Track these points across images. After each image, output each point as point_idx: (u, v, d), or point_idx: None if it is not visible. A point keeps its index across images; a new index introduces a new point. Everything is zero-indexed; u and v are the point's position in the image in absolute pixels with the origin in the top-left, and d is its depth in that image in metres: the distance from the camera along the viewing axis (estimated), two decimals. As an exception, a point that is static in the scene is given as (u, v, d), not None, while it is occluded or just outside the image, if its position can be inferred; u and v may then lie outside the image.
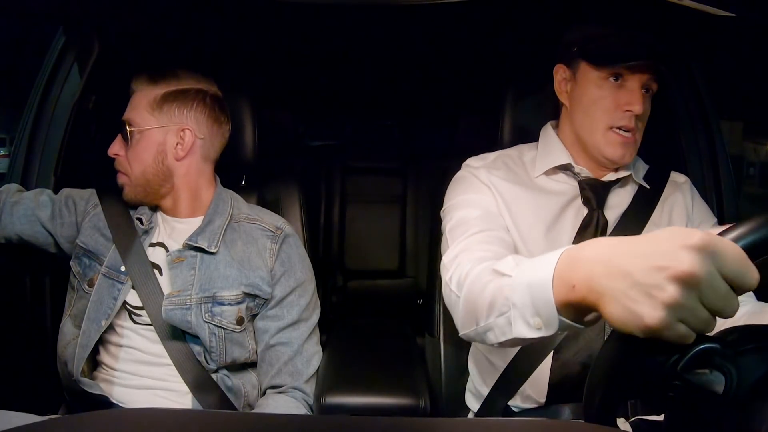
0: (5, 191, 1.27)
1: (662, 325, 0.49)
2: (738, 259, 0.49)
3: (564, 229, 1.09)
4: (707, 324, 0.50)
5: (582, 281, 0.59)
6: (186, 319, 1.10)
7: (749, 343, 0.55)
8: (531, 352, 1.08)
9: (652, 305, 0.50)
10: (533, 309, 0.68)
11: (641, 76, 1.02)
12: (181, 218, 1.22)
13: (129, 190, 1.19)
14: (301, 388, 1.18)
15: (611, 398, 0.58)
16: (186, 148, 1.18)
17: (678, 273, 0.49)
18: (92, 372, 1.16)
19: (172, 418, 0.67)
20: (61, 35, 1.41)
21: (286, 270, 1.20)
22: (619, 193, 1.13)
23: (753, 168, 4.08)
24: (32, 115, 1.40)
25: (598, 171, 1.11)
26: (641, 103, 1.01)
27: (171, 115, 1.17)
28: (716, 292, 0.49)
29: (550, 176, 1.13)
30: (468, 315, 0.85)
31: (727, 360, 0.52)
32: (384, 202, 2.22)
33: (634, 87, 1.02)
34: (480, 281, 0.83)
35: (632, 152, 1.06)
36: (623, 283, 0.53)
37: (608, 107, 1.03)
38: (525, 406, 1.12)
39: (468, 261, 0.92)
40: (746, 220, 0.53)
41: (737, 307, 0.50)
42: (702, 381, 0.52)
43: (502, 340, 0.77)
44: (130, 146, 1.17)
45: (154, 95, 1.17)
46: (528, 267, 0.71)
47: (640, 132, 1.06)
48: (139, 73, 1.20)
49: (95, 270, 1.17)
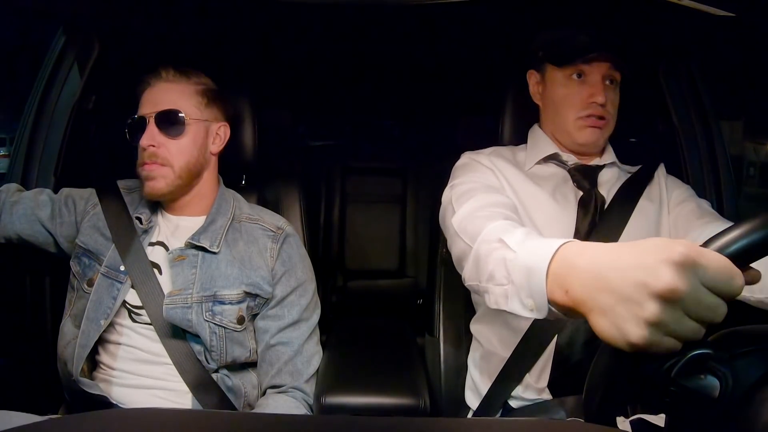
0: (5, 191, 1.27)
1: (646, 343, 0.49)
2: (721, 269, 0.49)
3: (567, 203, 1.15)
4: (695, 333, 0.50)
5: (574, 290, 0.59)
6: (187, 317, 1.10)
7: (743, 346, 0.54)
8: (534, 338, 1.10)
9: (637, 323, 0.50)
10: (528, 291, 0.70)
11: (600, 69, 1.12)
12: (187, 216, 1.22)
13: (166, 182, 1.16)
14: (301, 388, 1.18)
15: (610, 399, 0.58)
16: (221, 143, 1.24)
17: (659, 290, 0.48)
18: (92, 372, 1.16)
19: (172, 418, 0.67)
20: (61, 35, 1.41)
21: (286, 270, 1.21)
22: (608, 177, 1.20)
23: (753, 168, 4.08)
24: (32, 115, 1.40)
25: (583, 159, 1.20)
26: (603, 93, 1.11)
27: (216, 111, 1.23)
28: (700, 304, 0.49)
29: (540, 167, 1.20)
30: (474, 269, 0.89)
31: (722, 364, 0.52)
32: (384, 202, 2.21)
33: (595, 80, 1.12)
34: (488, 243, 0.86)
35: (603, 136, 1.16)
36: (610, 299, 0.53)
37: (575, 102, 1.14)
38: (526, 396, 1.13)
39: (482, 216, 0.96)
40: (730, 228, 0.53)
41: (724, 312, 0.50)
42: (697, 386, 0.52)
43: (496, 308, 0.80)
44: (178, 136, 1.16)
45: (195, 89, 1.20)
46: (530, 248, 0.72)
47: (610, 118, 1.15)
48: (165, 66, 1.19)
49: (95, 270, 1.17)
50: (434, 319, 1.38)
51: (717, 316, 0.49)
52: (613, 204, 1.15)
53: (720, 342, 0.55)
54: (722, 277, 0.49)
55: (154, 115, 1.15)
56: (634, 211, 1.14)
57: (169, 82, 1.19)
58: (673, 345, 0.50)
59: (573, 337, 1.09)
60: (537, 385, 1.11)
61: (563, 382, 1.10)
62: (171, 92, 1.18)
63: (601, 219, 1.13)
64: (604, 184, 1.19)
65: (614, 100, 1.15)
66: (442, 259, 1.41)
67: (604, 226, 1.12)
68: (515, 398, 1.14)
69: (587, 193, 1.16)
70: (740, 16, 0.96)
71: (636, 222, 1.13)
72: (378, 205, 2.21)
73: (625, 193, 1.16)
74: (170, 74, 1.19)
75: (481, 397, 1.18)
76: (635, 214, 1.14)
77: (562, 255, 0.64)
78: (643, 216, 1.15)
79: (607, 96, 1.12)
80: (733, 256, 0.51)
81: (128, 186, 1.28)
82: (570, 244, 0.65)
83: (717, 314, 0.49)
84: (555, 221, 1.12)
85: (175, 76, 1.19)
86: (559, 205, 1.14)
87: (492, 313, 1.21)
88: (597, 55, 1.11)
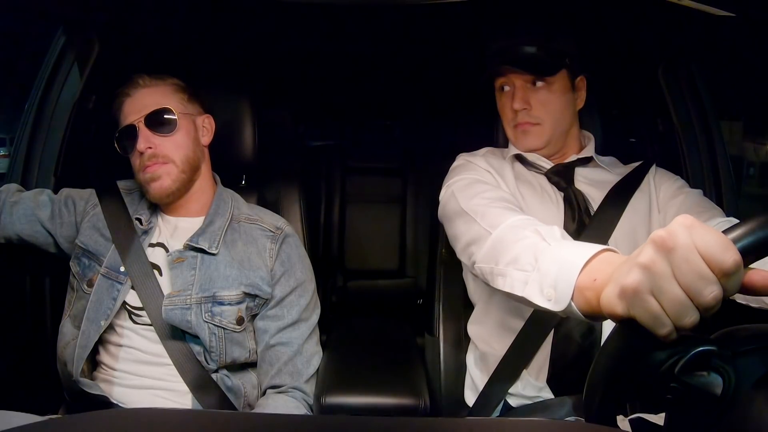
0: (5, 191, 1.27)
1: (633, 286, 0.51)
2: (717, 237, 0.49)
3: (553, 204, 1.17)
4: (681, 306, 0.49)
5: (603, 278, 0.63)
6: (186, 318, 1.10)
7: (747, 344, 0.54)
8: (530, 335, 1.11)
9: (631, 268, 0.52)
10: (553, 281, 0.73)
11: (518, 81, 1.15)
12: (186, 217, 1.22)
13: (171, 179, 1.17)
14: (301, 388, 1.18)
15: (610, 399, 0.58)
16: (210, 134, 1.27)
17: (655, 237, 0.51)
18: (92, 372, 1.16)
19: (172, 418, 0.67)
20: (61, 35, 1.41)
21: (286, 270, 1.21)
22: (589, 174, 1.22)
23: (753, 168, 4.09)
24: (32, 115, 1.40)
25: (556, 157, 1.22)
26: (522, 100, 1.14)
27: (198, 104, 1.26)
28: (690, 266, 0.49)
29: (526, 168, 1.23)
30: (492, 252, 0.91)
31: (725, 362, 0.52)
32: (384, 202, 2.21)
33: (516, 88, 1.15)
34: (518, 230, 0.89)
35: (537, 137, 1.17)
36: (625, 265, 0.55)
37: (506, 113, 1.19)
38: (525, 393, 1.13)
39: (501, 207, 1.00)
40: (733, 227, 0.52)
41: (717, 295, 0.48)
42: (700, 383, 0.52)
43: (508, 291, 0.84)
44: (171, 133, 1.17)
45: (173, 88, 1.22)
46: (568, 245, 0.77)
47: (546, 120, 1.16)
48: (138, 74, 1.20)
49: (94, 270, 1.17)
50: (434, 318, 1.38)
51: (705, 293, 0.48)
52: (604, 205, 1.16)
53: (723, 339, 0.55)
54: (715, 243, 0.49)
55: (143, 119, 1.16)
56: (624, 212, 1.15)
57: (147, 87, 1.19)
58: (657, 310, 0.50)
59: (570, 333, 1.09)
60: (536, 382, 1.11)
61: (562, 378, 1.10)
62: (153, 95, 1.19)
63: (591, 220, 1.14)
64: (584, 181, 1.20)
65: (545, 101, 1.15)
66: (442, 259, 1.41)
67: (594, 226, 1.13)
68: (515, 396, 1.14)
69: (566, 191, 1.18)
70: (740, 16, 0.96)
71: (625, 223, 1.13)
72: (378, 205, 2.21)
73: (616, 195, 1.17)
74: (147, 80, 1.20)
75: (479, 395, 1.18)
76: (625, 214, 1.14)
77: (604, 255, 0.69)
78: (632, 216, 1.15)
79: (530, 99, 1.14)
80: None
81: (128, 186, 1.28)
82: (614, 252, 0.70)
83: (708, 289, 0.48)
84: (546, 220, 1.11)
85: (153, 81, 1.20)
86: (547, 205, 1.17)
87: (488, 313, 1.22)
88: (508, 69, 1.14)
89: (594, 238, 1.09)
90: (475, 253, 0.98)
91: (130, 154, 1.18)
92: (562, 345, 1.10)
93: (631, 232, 1.13)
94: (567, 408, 1.06)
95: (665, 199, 1.16)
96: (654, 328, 0.50)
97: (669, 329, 0.50)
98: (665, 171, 1.24)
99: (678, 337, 0.50)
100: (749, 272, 0.51)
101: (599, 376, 0.57)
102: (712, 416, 0.54)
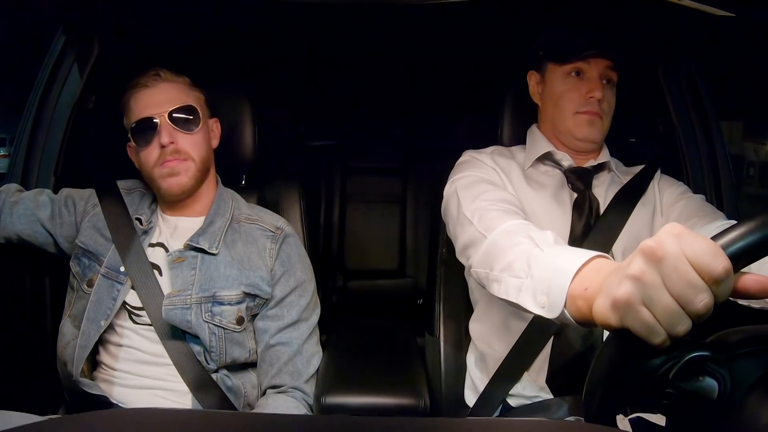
0: (5, 191, 1.27)
1: (625, 297, 0.50)
2: (706, 245, 0.49)
3: (563, 206, 1.17)
4: (673, 315, 0.49)
5: (594, 287, 0.62)
6: (186, 318, 1.10)
7: (741, 348, 0.54)
8: (531, 337, 1.11)
9: (621, 280, 0.52)
10: (546, 287, 0.72)
11: (597, 67, 1.15)
12: (186, 217, 1.22)
13: (189, 176, 1.17)
14: (301, 388, 1.18)
15: (610, 399, 0.58)
16: (217, 138, 1.27)
17: (644, 248, 0.51)
18: (92, 372, 1.16)
19: (172, 418, 0.67)
20: (61, 35, 1.41)
21: (286, 270, 1.21)
22: (603, 179, 1.22)
23: (753, 168, 4.09)
24: (32, 115, 1.40)
25: (579, 159, 1.22)
26: (600, 89, 1.14)
27: (208, 108, 1.25)
28: (680, 275, 0.48)
29: (538, 168, 1.22)
30: (487, 257, 0.91)
31: (720, 366, 0.52)
32: (384, 202, 2.21)
33: (592, 77, 1.16)
34: (512, 236, 0.89)
35: (599, 131, 1.18)
36: (615, 275, 0.54)
37: (573, 98, 1.17)
38: (525, 393, 1.13)
39: (499, 210, 0.99)
40: (727, 230, 0.52)
41: (708, 303, 0.48)
42: (695, 388, 0.52)
43: (504, 298, 0.83)
44: (194, 131, 1.18)
45: (190, 86, 1.22)
46: (560, 251, 0.76)
47: (606, 116, 1.18)
48: (159, 66, 1.20)
49: (94, 270, 1.17)
50: (434, 318, 1.38)
51: (696, 301, 0.48)
52: (609, 209, 1.16)
53: (718, 344, 0.55)
54: (705, 251, 0.48)
55: (166, 113, 1.15)
56: (630, 217, 1.15)
57: (168, 81, 1.18)
58: (650, 320, 0.49)
59: (570, 335, 1.09)
60: (536, 382, 1.12)
61: (562, 379, 1.10)
62: (175, 90, 1.18)
63: (596, 223, 1.14)
64: (599, 186, 1.20)
65: (610, 99, 1.18)
66: (442, 259, 1.41)
67: (600, 230, 1.13)
68: (515, 396, 1.14)
69: (581, 195, 1.17)
70: (740, 16, 0.96)
71: (631, 227, 1.14)
72: (378, 205, 2.21)
73: (622, 199, 1.17)
74: (167, 74, 1.19)
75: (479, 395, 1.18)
76: (630, 219, 1.15)
77: (595, 263, 0.68)
78: (637, 221, 1.15)
79: (603, 94, 1.15)
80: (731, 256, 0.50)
81: (128, 186, 1.28)
82: (606, 258, 0.70)
83: (699, 297, 0.48)
84: (551, 223, 1.13)
85: (173, 75, 1.20)
86: (555, 208, 1.16)
87: (489, 313, 1.22)
88: (595, 53, 1.14)
89: (599, 242, 1.10)
90: (471, 256, 0.98)
91: (144, 147, 1.15)
92: (562, 346, 1.10)
93: (635, 237, 1.13)
94: (566, 408, 1.07)
95: (668, 204, 1.18)
96: (648, 338, 0.50)
97: (662, 338, 0.50)
98: (669, 177, 1.25)
99: (672, 342, 0.51)
100: (741, 277, 0.51)
101: (599, 377, 0.57)
102: (711, 419, 0.54)
